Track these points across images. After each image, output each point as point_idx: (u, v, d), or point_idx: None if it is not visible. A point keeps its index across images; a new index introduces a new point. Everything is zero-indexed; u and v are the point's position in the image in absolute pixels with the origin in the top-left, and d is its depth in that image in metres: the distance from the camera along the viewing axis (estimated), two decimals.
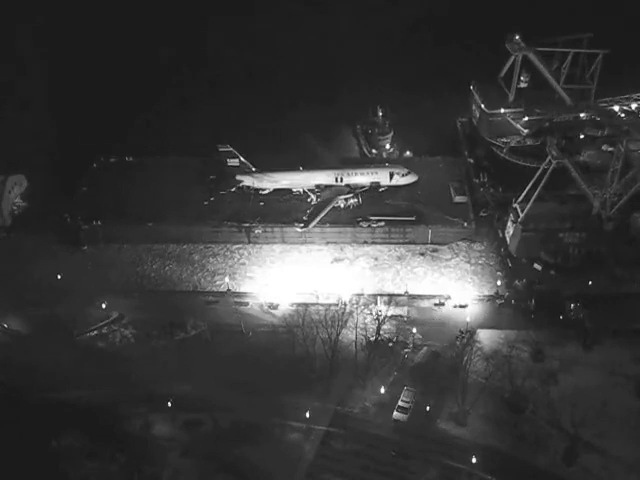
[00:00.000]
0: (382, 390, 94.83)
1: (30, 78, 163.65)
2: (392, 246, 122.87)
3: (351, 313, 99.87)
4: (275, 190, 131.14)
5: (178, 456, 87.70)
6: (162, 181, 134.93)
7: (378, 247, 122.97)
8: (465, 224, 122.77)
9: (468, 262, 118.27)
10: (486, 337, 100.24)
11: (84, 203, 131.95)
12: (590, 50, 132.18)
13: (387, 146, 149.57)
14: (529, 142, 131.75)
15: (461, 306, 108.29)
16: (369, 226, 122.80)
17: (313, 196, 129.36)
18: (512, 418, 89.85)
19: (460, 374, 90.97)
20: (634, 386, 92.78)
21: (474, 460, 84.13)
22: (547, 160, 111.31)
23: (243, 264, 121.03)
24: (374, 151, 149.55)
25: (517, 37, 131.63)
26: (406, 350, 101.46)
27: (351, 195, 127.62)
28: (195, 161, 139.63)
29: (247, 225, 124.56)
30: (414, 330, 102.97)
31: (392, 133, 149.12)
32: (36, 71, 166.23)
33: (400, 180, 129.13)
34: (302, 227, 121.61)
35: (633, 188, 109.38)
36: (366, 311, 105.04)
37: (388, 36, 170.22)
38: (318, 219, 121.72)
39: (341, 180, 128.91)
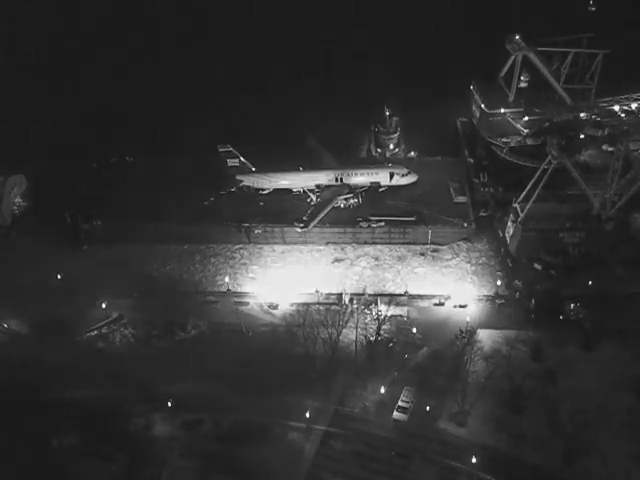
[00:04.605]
0: (382, 390, 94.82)
1: (30, 77, 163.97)
2: (393, 246, 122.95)
3: (351, 313, 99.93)
4: (275, 190, 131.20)
5: (178, 456, 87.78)
6: (162, 181, 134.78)
7: (378, 247, 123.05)
8: (465, 224, 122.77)
9: (468, 262, 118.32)
10: (486, 337, 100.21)
11: (84, 203, 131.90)
12: (590, 50, 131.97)
13: (391, 146, 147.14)
14: (529, 142, 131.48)
15: (461, 306, 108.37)
16: (369, 226, 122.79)
17: (313, 196, 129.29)
18: (512, 418, 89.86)
19: (460, 374, 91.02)
20: (634, 386, 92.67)
21: (474, 460, 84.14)
22: (547, 160, 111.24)
23: (244, 264, 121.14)
24: (379, 150, 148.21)
25: (517, 37, 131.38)
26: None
27: (351, 195, 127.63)
28: (195, 161, 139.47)
29: (247, 225, 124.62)
30: (414, 330, 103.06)
31: (398, 133, 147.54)
32: (36, 70, 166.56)
33: (400, 180, 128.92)
34: (302, 227, 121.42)
35: (633, 188, 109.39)
36: (366, 311, 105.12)
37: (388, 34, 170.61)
38: (318, 219, 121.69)
39: (341, 180, 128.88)
